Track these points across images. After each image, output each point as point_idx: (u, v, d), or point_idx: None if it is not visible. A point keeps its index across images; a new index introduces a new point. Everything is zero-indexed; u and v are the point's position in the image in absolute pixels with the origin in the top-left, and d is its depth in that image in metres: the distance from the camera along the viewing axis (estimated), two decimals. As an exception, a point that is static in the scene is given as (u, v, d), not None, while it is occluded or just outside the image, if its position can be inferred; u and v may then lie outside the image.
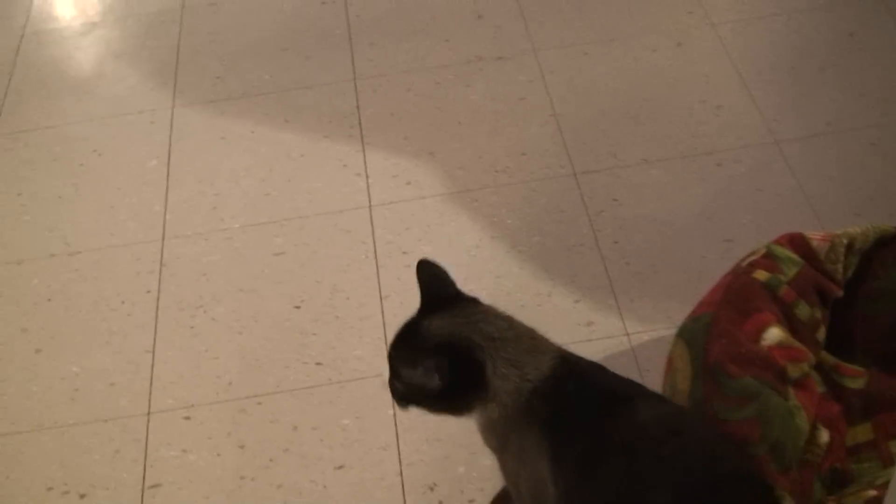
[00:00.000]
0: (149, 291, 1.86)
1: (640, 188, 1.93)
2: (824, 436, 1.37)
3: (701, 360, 1.40)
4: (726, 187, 1.91)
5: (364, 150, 2.08)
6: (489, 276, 1.80)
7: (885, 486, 1.27)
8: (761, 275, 1.46)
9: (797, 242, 1.51)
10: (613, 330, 1.69)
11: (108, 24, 2.52)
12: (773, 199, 1.87)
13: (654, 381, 1.45)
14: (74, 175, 2.13)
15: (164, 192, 2.05)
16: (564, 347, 1.23)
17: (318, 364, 1.70)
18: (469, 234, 1.89)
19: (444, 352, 1.18)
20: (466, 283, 1.79)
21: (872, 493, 1.28)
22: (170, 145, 2.16)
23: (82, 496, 1.57)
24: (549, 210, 1.91)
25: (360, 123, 2.14)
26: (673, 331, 1.50)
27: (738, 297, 1.45)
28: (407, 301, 1.78)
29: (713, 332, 1.42)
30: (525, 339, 1.22)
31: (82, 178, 2.12)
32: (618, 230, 1.86)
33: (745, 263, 1.51)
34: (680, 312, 1.52)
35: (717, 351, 1.39)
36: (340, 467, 1.56)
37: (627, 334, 1.69)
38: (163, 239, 1.95)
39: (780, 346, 1.40)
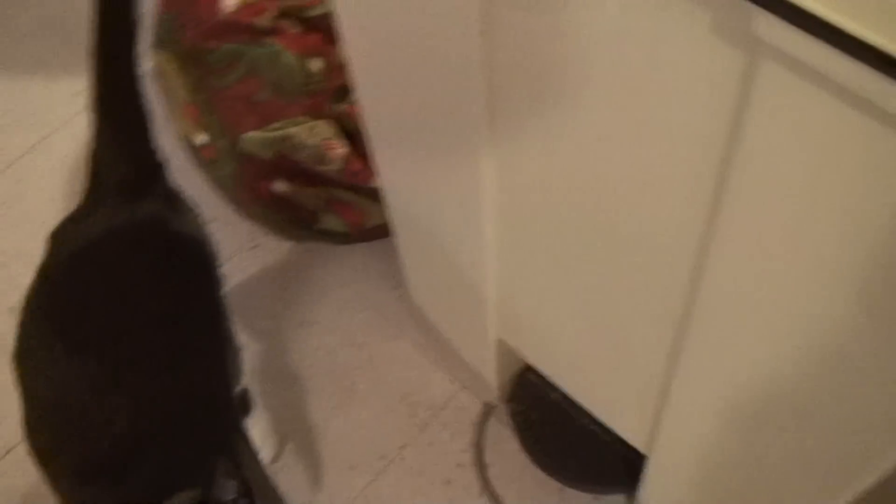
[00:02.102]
0: None
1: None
2: (316, 64, 1.48)
3: (182, 54, 1.44)
4: None
5: None
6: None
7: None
8: (192, -45, 1.49)
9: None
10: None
11: None
12: None
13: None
14: None
15: None
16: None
17: None
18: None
19: None
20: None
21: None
22: None
23: None
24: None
25: None
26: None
27: (184, -15, 1.48)
28: None
29: (179, 24, 1.45)
30: None
31: None
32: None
33: (177, -46, 1.54)
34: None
35: (190, 37, 1.43)
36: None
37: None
38: None
39: (239, 7, 1.47)
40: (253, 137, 1.36)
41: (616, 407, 1.06)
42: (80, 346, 0.93)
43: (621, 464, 1.26)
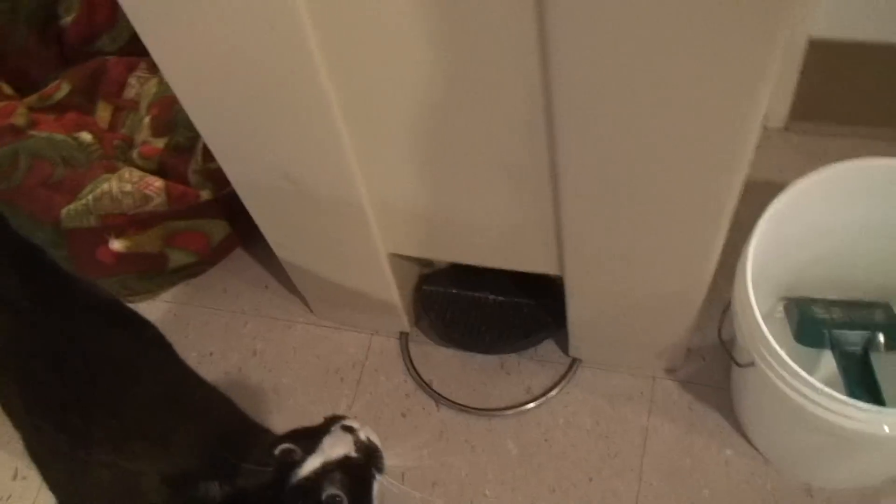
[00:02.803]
0: None
1: None
2: (85, 136, 1.50)
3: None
4: None
5: None
6: None
7: (158, 104, 1.46)
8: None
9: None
10: None
11: None
12: None
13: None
14: None
15: None
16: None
17: None
18: None
19: None
20: None
21: (147, 118, 1.47)
22: None
23: None
24: None
25: None
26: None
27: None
28: None
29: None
30: None
31: None
32: None
33: None
34: None
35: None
36: None
37: None
38: None
39: (-10, 116, 1.46)
40: (72, 210, 1.36)
41: (524, 250, 1.15)
42: (92, 439, 0.94)
43: (539, 313, 1.37)
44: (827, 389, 1.02)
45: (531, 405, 1.37)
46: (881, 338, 1.25)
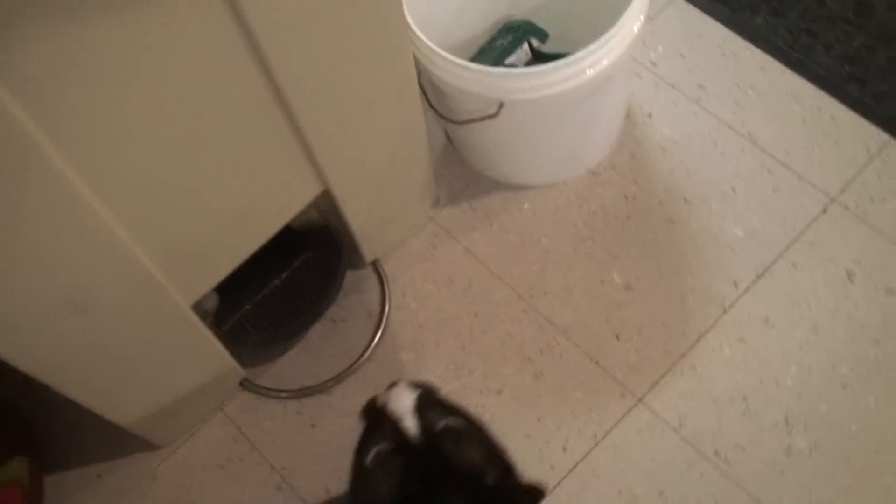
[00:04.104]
0: None
1: None
2: None
3: None
4: None
5: None
6: None
7: None
8: None
9: None
10: None
11: None
12: None
13: None
14: None
15: None
16: None
17: None
18: None
19: None
20: None
21: None
22: None
23: None
24: None
25: None
26: None
27: None
28: None
29: None
30: None
31: None
32: None
33: None
34: None
35: None
36: None
37: None
38: None
39: None
40: None
41: (294, 190, 1.19)
42: None
43: (321, 256, 1.40)
44: (531, 68, 1.21)
45: (382, 325, 1.43)
46: (535, 41, 1.48)
